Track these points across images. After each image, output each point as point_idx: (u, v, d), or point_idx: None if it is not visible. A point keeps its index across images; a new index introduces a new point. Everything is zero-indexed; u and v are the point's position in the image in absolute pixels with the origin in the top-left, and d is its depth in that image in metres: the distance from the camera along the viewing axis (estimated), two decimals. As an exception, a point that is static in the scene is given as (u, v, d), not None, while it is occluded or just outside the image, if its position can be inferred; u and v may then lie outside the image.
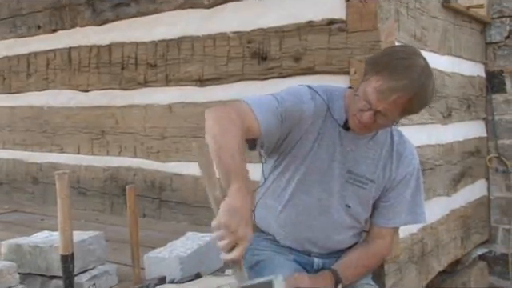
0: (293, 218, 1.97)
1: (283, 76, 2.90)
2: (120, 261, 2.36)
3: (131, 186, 2.09)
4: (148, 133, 3.55)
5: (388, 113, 1.71)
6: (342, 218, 1.95)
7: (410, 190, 1.97)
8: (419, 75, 1.68)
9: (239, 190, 1.45)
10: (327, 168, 1.91)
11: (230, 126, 1.61)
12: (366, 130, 1.85)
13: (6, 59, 4.46)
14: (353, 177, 1.93)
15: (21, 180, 4.42)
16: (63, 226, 1.70)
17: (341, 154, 1.91)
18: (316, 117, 1.87)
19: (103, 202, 3.83)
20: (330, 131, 1.89)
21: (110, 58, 3.72)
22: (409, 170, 1.96)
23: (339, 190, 1.93)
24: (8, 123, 4.51)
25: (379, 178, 1.94)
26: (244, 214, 1.41)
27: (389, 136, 1.96)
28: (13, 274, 1.91)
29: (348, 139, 1.90)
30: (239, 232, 1.38)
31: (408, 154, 1.97)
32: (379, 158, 1.94)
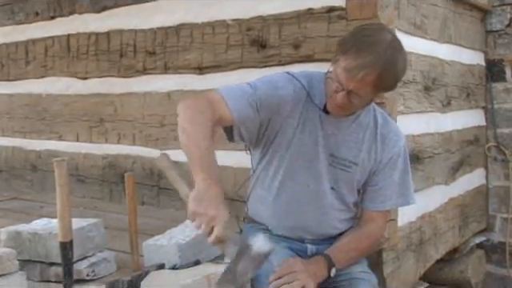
0: (284, 206, 1.97)
1: (282, 64, 2.89)
2: (119, 248, 2.37)
3: (130, 174, 2.09)
4: (147, 120, 3.54)
5: (360, 91, 1.71)
6: (330, 202, 1.96)
7: (397, 172, 1.96)
8: (385, 50, 1.68)
9: (203, 180, 1.54)
10: (312, 153, 1.91)
11: (198, 117, 1.66)
12: (344, 112, 1.84)
13: (4, 46, 4.44)
14: (336, 160, 1.92)
15: (20, 167, 4.41)
16: (62, 213, 1.70)
17: (323, 138, 1.91)
18: (295, 102, 1.87)
19: (102, 190, 3.83)
20: (310, 116, 1.89)
21: (109, 46, 3.70)
22: (394, 151, 1.95)
23: (324, 175, 1.93)
24: (7, 110, 4.50)
25: (364, 161, 1.93)
26: (210, 197, 1.51)
27: (372, 119, 1.94)
28: (12, 261, 1.91)
29: (329, 123, 1.90)
30: (209, 213, 1.48)
31: (393, 136, 1.96)
32: (363, 141, 1.92)
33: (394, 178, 1.96)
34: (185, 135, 1.65)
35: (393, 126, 2.00)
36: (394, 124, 2.04)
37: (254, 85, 1.84)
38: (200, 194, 1.52)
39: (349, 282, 1.91)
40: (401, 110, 2.74)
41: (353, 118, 1.91)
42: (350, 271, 1.94)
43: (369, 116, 1.94)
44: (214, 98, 1.76)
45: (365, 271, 1.98)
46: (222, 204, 1.52)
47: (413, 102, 2.87)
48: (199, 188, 1.53)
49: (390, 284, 2.68)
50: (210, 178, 1.54)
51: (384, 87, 1.77)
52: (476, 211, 3.85)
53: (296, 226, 1.98)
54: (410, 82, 2.83)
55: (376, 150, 1.93)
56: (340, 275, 1.92)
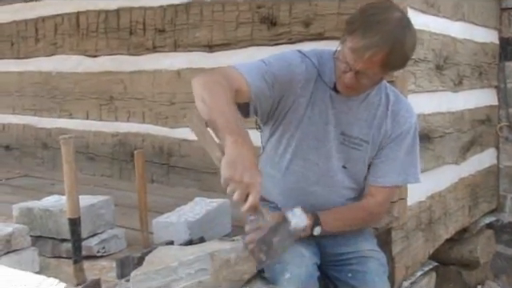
0: (292, 184, 1.98)
1: (293, 42, 2.87)
2: (129, 225, 2.38)
3: (139, 151, 2.09)
4: (156, 98, 3.54)
5: (368, 71, 1.70)
6: (341, 180, 1.95)
7: (403, 148, 1.94)
8: (393, 29, 1.65)
9: (234, 143, 1.45)
10: (322, 131, 1.91)
11: (218, 88, 1.60)
12: (354, 92, 1.83)
13: (13, 24, 4.43)
14: (347, 138, 1.91)
15: (31, 145, 4.44)
16: (70, 190, 1.70)
17: (334, 117, 1.90)
18: (307, 80, 1.87)
19: (112, 168, 3.85)
20: (321, 95, 1.89)
21: (118, 23, 3.69)
22: (404, 127, 1.93)
23: (335, 153, 1.93)
24: (17, 88, 4.51)
25: (374, 138, 1.92)
26: (244, 162, 1.42)
27: (384, 96, 1.93)
28: (25, 237, 1.93)
29: (340, 101, 1.89)
30: (245, 180, 1.40)
31: (404, 113, 1.94)
32: (373, 119, 1.91)
33: (398, 155, 1.94)
34: (206, 105, 1.57)
35: (405, 104, 1.98)
36: (407, 101, 2.02)
37: (267, 61, 1.82)
38: (233, 158, 1.43)
39: (357, 259, 1.91)
40: (412, 88, 2.71)
41: (363, 97, 1.90)
42: (358, 249, 1.94)
43: (380, 94, 1.93)
44: (231, 72, 1.74)
45: (374, 249, 1.98)
46: (256, 169, 1.45)
47: (424, 80, 2.85)
48: (232, 152, 1.44)
49: (399, 263, 2.68)
50: (240, 140, 1.47)
51: (393, 66, 1.74)
52: (486, 191, 3.84)
53: (305, 204, 1.97)
54: (422, 61, 2.80)
55: (386, 126, 1.92)
56: (349, 253, 1.93)
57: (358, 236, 1.99)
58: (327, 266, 1.93)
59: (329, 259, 1.93)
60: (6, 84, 4.60)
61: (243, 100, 1.77)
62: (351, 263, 1.91)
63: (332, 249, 1.96)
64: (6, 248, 1.86)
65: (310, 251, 1.84)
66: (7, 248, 1.86)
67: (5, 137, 4.66)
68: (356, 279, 1.87)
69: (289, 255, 1.76)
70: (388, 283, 1.91)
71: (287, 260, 1.76)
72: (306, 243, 1.86)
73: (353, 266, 1.90)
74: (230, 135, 1.47)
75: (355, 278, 1.88)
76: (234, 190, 1.41)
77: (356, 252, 1.94)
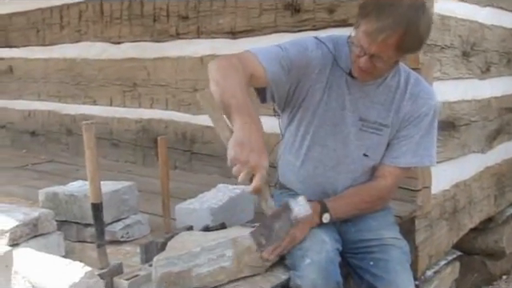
0: (311, 171, 1.98)
1: (316, 28, 2.84)
2: (152, 211, 2.40)
3: (163, 137, 2.10)
4: (179, 85, 3.55)
5: (382, 54, 1.68)
6: (357, 167, 1.95)
7: (420, 131, 1.92)
8: (406, 11, 1.63)
9: (243, 124, 1.46)
10: (339, 117, 1.90)
11: (232, 72, 1.61)
12: (369, 77, 1.82)
13: (39, 11, 4.47)
14: (366, 124, 1.91)
15: (56, 131, 4.50)
16: (92, 175, 1.72)
17: (350, 102, 1.89)
18: (323, 67, 1.86)
19: (135, 154, 3.88)
20: (337, 80, 1.88)
21: (142, 10, 3.69)
22: (423, 110, 1.91)
23: (354, 140, 1.92)
24: (43, 75, 4.57)
25: (393, 121, 1.91)
26: (252, 144, 1.43)
27: (402, 79, 1.91)
28: (50, 221, 1.96)
29: (356, 86, 1.88)
30: (251, 161, 1.41)
31: (424, 95, 1.91)
32: (392, 102, 1.90)
33: (414, 136, 1.92)
34: (219, 87, 1.57)
35: (424, 86, 1.95)
36: (427, 84, 1.99)
37: (284, 47, 1.82)
38: (241, 139, 1.43)
39: (379, 247, 1.90)
40: (437, 76, 2.68)
41: (380, 81, 1.89)
42: (380, 237, 1.93)
43: (398, 77, 1.91)
44: (247, 56, 1.74)
45: (396, 237, 1.96)
46: (264, 151, 1.45)
47: (450, 67, 2.80)
48: (240, 133, 1.44)
49: (422, 252, 2.66)
50: (250, 122, 1.47)
51: (407, 49, 1.71)
52: (513, 180, 3.78)
53: (324, 191, 1.97)
54: (448, 48, 2.76)
55: (405, 108, 1.91)
56: (370, 240, 1.92)
57: (379, 223, 1.98)
58: (348, 253, 1.92)
59: (350, 246, 1.92)
60: (32, 71, 4.66)
61: (259, 85, 1.78)
62: (373, 251, 1.90)
63: (353, 235, 1.95)
64: (33, 232, 1.89)
65: (331, 237, 1.83)
66: (34, 232, 1.89)
67: (31, 123, 4.72)
68: (378, 267, 1.86)
69: (309, 241, 1.77)
70: (410, 272, 1.89)
71: (307, 246, 1.76)
72: (327, 229, 1.85)
73: (375, 254, 1.89)
74: (239, 116, 1.48)
75: (377, 266, 1.86)
76: (239, 171, 1.41)
77: (378, 239, 1.92)
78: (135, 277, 1.74)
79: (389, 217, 2.07)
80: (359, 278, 1.92)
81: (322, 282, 1.68)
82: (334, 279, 1.71)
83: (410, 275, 1.87)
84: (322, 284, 1.68)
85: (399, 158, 1.93)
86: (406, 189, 2.56)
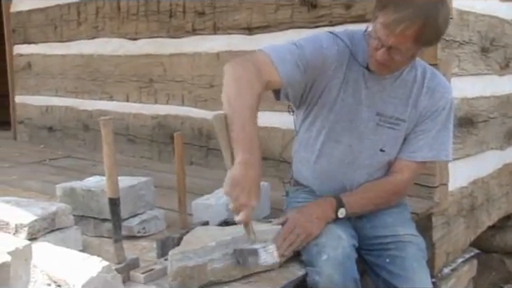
0: (326, 167, 1.97)
1: (333, 24, 2.83)
2: (168, 207, 2.41)
3: (179, 133, 2.10)
4: (196, 81, 3.55)
5: (400, 46, 1.66)
6: (373, 162, 1.94)
7: (437, 125, 1.90)
8: (425, 3, 1.61)
9: (243, 163, 1.53)
10: (355, 112, 1.89)
11: (246, 89, 1.64)
12: (386, 70, 1.81)
13: (57, 8, 4.51)
14: (383, 118, 1.90)
15: (73, 127, 4.53)
16: (109, 170, 1.72)
17: (367, 97, 1.88)
18: (339, 62, 1.85)
19: (151, 150, 3.89)
20: (354, 75, 1.87)
21: (158, 6, 3.70)
22: (440, 103, 1.89)
23: (370, 135, 1.91)
24: (60, 71, 4.60)
25: (411, 116, 1.89)
26: (245, 185, 1.53)
27: (420, 74, 1.90)
28: (68, 216, 1.97)
29: (373, 81, 1.87)
30: (240, 201, 1.54)
31: (440, 89, 1.90)
32: (409, 96, 1.89)
33: (431, 131, 1.90)
34: (230, 104, 1.63)
35: (441, 79, 1.94)
36: (443, 78, 1.97)
37: (299, 45, 1.80)
38: (237, 177, 1.53)
39: (395, 244, 1.89)
40: (455, 72, 2.65)
41: (397, 75, 1.87)
42: (396, 233, 1.91)
43: (415, 71, 1.90)
44: (263, 62, 1.74)
45: (412, 234, 1.94)
46: (255, 192, 1.55)
47: (468, 63, 2.77)
48: (237, 172, 1.53)
49: (439, 249, 2.65)
50: (250, 159, 1.54)
51: (425, 41, 1.68)
52: (532, 178, 3.73)
53: (340, 187, 1.96)
54: (466, 43, 2.73)
55: (422, 103, 1.89)
56: (386, 236, 1.91)
57: (395, 220, 1.97)
58: (364, 250, 1.91)
59: (366, 243, 1.91)
60: (49, 67, 4.70)
61: (276, 87, 1.81)
62: (389, 248, 1.89)
63: (369, 231, 1.94)
64: (51, 226, 1.90)
65: (347, 233, 1.83)
66: (52, 226, 1.90)
67: (48, 118, 4.77)
68: (394, 264, 1.85)
69: (325, 237, 1.77)
70: (427, 269, 1.87)
71: (324, 242, 1.76)
72: (343, 225, 1.85)
73: (391, 251, 1.88)
74: (241, 152, 1.55)
75: (393, 263, 1.85)
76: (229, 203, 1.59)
77: (394, 236, 1.91)
78: (151, 271, 1.75)
79: (405, 213, 2.05)
80: (375, 276, 1.91)
81: (339, 277, 1.67)
82: (351, 275, 1.71)
83: (426, 272, 1.86)
84: (339, 279, 1.67)
85: (416, 152, 1.92)
86: (423, 185, 2.54)
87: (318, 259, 1.73)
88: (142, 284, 1.71)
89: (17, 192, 2.84)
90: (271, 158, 3.10)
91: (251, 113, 1.61)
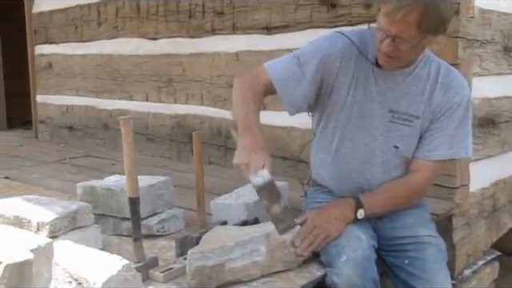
0: (342, 167, 1.96)
1: (352, 24, 2.81)
2: (186, 206, 2.41)
3: (197, 133, 2.11)
4: (215, 81, 3.56)
5: (403, 34, 1.66)
6: (389, 160, 1.91)
7: (454, 121, 1.87)
8: None
9: (244, 135, 1.72)
10: (367, 110, 1.89)
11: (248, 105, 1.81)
12: (394, 63, 1.80)
13: (78, 8, 4.55)
14: (396, 115, 1.88)
15: (92, 126, 4.57)
16: (130, 169, 1.73)
17: (378, 94, 1.88)
18: (346, 59, 1.86)
19: (170, 149, 3.91)
20: (363, 72, 1.87)
21: (178, 6, 3.72)
22: (456, 100, 1.86)
23: (383, 132, 1.89)
24: (80, 71, 4.65)
25: (425, 112, 1.87)
26: (253, 145, 1.68)
27: (434, 70, 1.88)
28: (88, 214, 1.99)
29: (383, 77, 1.87)
30: (253, 160, 1.65)
31: (455, 85, 1.87)
32: (422, 93, 1.86)
33: (448, 128, 1.87)
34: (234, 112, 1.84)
35: (456, 76, 1.91)
36: (458, 74, 1.94)
37: (298, 54, 1.89)
38: (242, 145, 1.69)
39: (415, 245, 1.87)
40: (477, 71, 2.62)
41: (409, 71, 1.86)
42: (416, 234, 1.90)
43: (428, 67, 1.88)
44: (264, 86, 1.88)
45: (432, 235, 1.92)
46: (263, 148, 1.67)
47: (490, 63, 2.74)
48: (241, 140, 1.71)
49: (460, 251, 2.62)
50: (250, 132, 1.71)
51: (429, 28, 1.67)
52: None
53: (358, 186, 1.95)
54: (488, 43, 2.69)
55: (436, 99, 1.87)
56: (405, 237, 1.89)
57: (415, 220, 1.95)
58: (384, 251, 1.90)
59: (385, 243, 1.89)
60: (70, 67, 4.75)
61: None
62: (408, 249, 1.87)
63: (388, 232, 1.92)
64: (72, 225, 1.92)
65: (367, 234, 1.81)
66: (72, 225, 1.92)
67: (69, 118, 4.82)
68: (414, 266, 1.83)
69: (345, 238, 1.76)
70: (447, 270, 1.85)
71: (343, 243, 1.75)
72: (363, 226, 1.84)
73: (410, 252, 1.86)
74: (242, 130, 1.74)
75: (413, 264, 1.83)
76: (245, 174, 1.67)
77: (413, 237, 1.89)
78: (170, 270, 1.76)
79: (424, 214, 2.03)
80: (395, 277, 1.89)
81: (358, 278, 1.66)
82: (370, 276, 1.69)
83: (447, 274, 1.84)
84: (358, 281, 1.66)
85: (433, 151, 1.89)
86: (444, 186, 2.52)
87: (337, 260, 1.72)
88: (161, 283, 1.72)
89: (38, 190, 2.87)
90: (290, 157, 3.10)
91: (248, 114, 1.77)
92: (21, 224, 1.86)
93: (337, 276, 1.69)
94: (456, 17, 2.43)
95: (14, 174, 3.47)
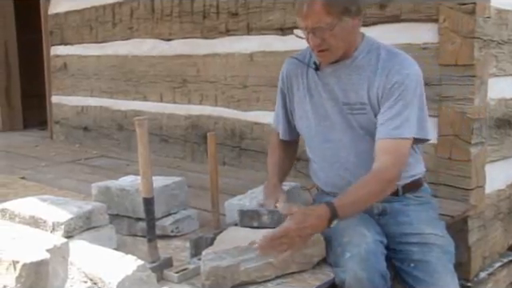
0: (328, 169, 2.03)
1: (367, 24, 2.76)
2: (201, 206, 2.42)
3: (212, 133, 2.11)
4: (229, 82, 3.56)
5: (318, 24, 1.79)
6: (367, 149, 1.90)
7: (400, 101, 1.83)
8: None
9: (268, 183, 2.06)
10: (325, 110, 1.99)
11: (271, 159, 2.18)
12: (328, 56, 1.90)
13: (93, 9, 4.58)
14: (350, 107, 1.94)
15: (107, 126, 4.60)
16: (144, 170, 1.74)
17: (329, 93, 1.98)
18: (293, 77, 2.07)
19: (184, 150, 3.92)
20: (312, 79, 2.02)
21: (192, 7, 3.73)
22: (395, 79, 1.84)
23: (347, 125, 1.95)
24: (95, 71, 4.68)
25: (371, 98, 1.90)
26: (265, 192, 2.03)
27: (375, 56, 1.92)
28: (103, 215, 2.00)
29: (328, 76, 1.98)
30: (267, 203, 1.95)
31: (396, 67, 1.87)
32: (365, 80, 1.91)
33: (393, 107, 1.84)
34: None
35: (399, 59, 1.90)
36: (401, 56, 1.92)
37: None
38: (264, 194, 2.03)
39: (419, 247, 1.85)
40: (493, 72, 2.59)
41: (349, 63, 1.94)
42: (421, 232, 1.88)
43: (369, 56, 1.93)
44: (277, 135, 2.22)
45: (437, 234, 1.89)
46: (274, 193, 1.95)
47: (507, 63, 2.71)
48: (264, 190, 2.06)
49: (475, 253, 2.59)
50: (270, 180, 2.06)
51: (339, 9, 1.79)
52: None
53: (342, 181, 1.97)
54: (505, 43, 2.66)
55: (379, 83, 1.88)
56: (410, 234, 1.88)
57: (419, 216, 1.94)
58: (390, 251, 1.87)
59: (391, 241, 1.88)
60: (85, 67, 4.78)
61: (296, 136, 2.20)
62: (413, 251, 1.85)
63: (393, 228, 1.92)
64: (86, 225, 1.93)
65: (372, 230, 1.81)
66: (87, 225, 1.93)
67: (83, 118, 4.85)
68: (419, 270, 1.81)
69: (348, 237, 1.76)
70: (453, 273, 1.82)
71: (347, 241, 1.75)
72: (367, 223, 1.84)
73: (415, 254, 1.84)
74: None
75: (418, 268, 1.82)
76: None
77: (417, 235, 1.87)
78: (184, 270, 1.76)
79: (429, 212, 2.01)
80: (403, 282, 1.88)
81: (363, 273, 1.66)
82: (376, 269, 1.69)
83: (453, 276, 1.82)
84: (363, 274, 1.66)
85: (380, 132, 1.86)
86: (459, 188, 2.50)
87: (342, 258, 1.73)
88: (176, 283, 1.72)
89: (53, 191, 2.90)
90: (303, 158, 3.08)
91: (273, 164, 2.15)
92: (37, 224, 1.87)
93: (343, 273, 1.70)
94: (472, 17, 2.41)
95: (29, 174, 3.50)
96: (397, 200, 1.96)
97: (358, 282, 1.67)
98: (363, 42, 1.95)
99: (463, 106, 2.47)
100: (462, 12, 2.44)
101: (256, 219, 1.90)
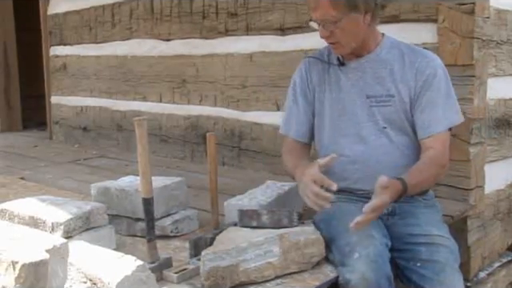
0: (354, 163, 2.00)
1: (367, 24, 2.79)
2: (200, 207, 2.42)
3: (211, 134, 2.11)
4: (228, 82, 3.56)
5: (325, 16, 1.85)
6: (384, 140, 1.98)
7: (439, 92, 1.93)
8: None
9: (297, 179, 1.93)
10: (347, 104, 2.02)
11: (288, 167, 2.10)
12: (341, 48, 1.95)
13: (92, 9, 4.58)
14: (373, 99, 1.98)
15: (106, 127, 4.60)
16: (144, 170, 1.74)
17: (352, 86, 2.01)
18: (312, 75, 2.09)
19: (184, 150, 3.92)
20: (333, 74, 2.05)
21: (191, 7, 3.73)
22: (428, 72, 1.93)
23: (369, 118, 1.99)
24: (94, 72, 4.67)
25: (400, 91, 1.95)
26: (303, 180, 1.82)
27: (398, 52, 1.99)
28: (102, 215, 2.00)
29: (351, 71, 2.02)
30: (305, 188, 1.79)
31: (422, 59, 1.95)
32: (392, 73, 1.96)
33: (435, 100, 1.93)
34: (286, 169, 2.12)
35: (421, 51, 2.01)
36: (422, 50, 2.04)
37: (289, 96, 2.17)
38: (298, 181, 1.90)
39: (427, 247, 1.85)
40: (492, 72, 2.60)
41: (372, 57, 1.99)
42: (428, 233, 1.88)
43: (392, 51, 1.99)
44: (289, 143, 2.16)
45: (443, 235, 1.90)
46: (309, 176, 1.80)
47: (506, 63, 2.71)
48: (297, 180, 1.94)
49: (475, 253, 2.60)
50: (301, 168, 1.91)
51: (345, 4, 1.82)
52: None
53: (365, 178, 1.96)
54: (504, 43, 2.67)
55: (409, 76, 1.95)
56: (417, 235, 1.89)
57: (427, 218, 1.95)
58: (396, 252, 1.88)
59: (398, 242, 1.88)
60: (84, 68, 4.78)
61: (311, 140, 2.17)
62: (420, 251, 1.85)
63: (401, 229, 1.92)
64: (86, 225, 1.93)
65: (380, 232, 1.82)
66: (86, 225, 1.93)
67: (83, 119, 4.85)
68: (426, 269, 1.82)
69: (357, 237, 1.76)
70: (459, 273, 1.84)
71: (355, 241, 1.75)
72: (375, 225, 1.83)
73: (422, 254, 1.84)
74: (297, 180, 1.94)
75: (425, 267, 1.82)
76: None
77: (425, 236, 1.88)
78: (184, 270, 1.76)
79: (435, 215, 2.03)
80: (407, 280, 1.88)
81: (371, 274, 1.66)
82: (383, 272, 1.69)
83: (459, 276, 1.83)
84: (371, 276, 1.66)
85: (431, 126, 1.93)
86: (458, 188, 2.51)
87: (349, 258, 1.73)
88: (175, 283, 1.72)
89: (52, 191, 2.90)
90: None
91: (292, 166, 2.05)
92: (36, 224, 1.87)
93: (350, 273, 1.69)
94: (471, 17, 2.41)
95: (28, 174, 3.50)
96: (406, 201, 1.95)
97: (364, 283, 1.67)
98: (384, 39, 2.02)
99: (462, 105, 2.45)
100: (462, 12, 2.44)
101: (255, 219, 1.91)
